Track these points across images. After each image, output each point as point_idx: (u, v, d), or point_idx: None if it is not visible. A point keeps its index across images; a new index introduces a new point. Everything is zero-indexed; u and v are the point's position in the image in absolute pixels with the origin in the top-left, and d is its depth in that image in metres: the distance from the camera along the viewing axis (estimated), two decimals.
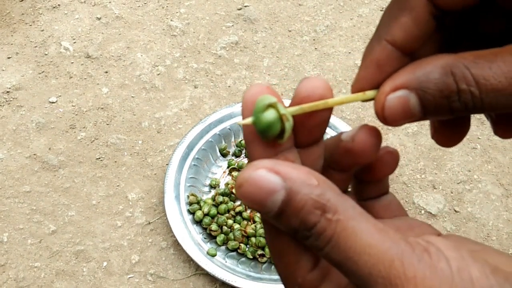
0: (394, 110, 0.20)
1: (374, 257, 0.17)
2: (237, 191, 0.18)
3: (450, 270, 0.16)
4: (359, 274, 0.17)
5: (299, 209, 0.18)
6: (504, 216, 0.84)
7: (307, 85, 0.20)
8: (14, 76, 1.00)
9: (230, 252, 0.79)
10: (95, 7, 1.12)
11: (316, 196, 0.18)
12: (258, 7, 1.13)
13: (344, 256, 0.17)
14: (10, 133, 0.92)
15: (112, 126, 0.94)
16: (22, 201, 0.85)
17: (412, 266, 0.17)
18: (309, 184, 0.18)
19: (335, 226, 0.18)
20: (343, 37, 1.08)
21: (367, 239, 0.17)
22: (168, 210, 0.80)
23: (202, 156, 0.88)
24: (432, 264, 0.17)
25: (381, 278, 0.17)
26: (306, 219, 0.18)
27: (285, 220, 0.18)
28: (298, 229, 0.18)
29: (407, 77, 0.20)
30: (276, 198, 0.18)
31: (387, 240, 0.17)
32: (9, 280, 0.77)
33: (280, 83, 1.00)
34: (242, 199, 0.18)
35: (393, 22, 0.21)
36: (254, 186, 0.18)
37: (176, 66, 1.02)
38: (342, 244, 0.17)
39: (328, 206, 0.18)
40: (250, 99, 0.20)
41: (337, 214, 0.18)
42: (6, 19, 1.10)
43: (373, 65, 0.21)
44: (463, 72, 0.18)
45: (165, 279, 0.78)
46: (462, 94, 0.19)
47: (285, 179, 0.18)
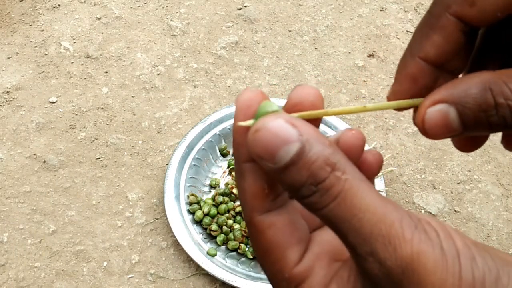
0: (434, 123, 0.21)
1: (377, 216, 0.18)
2: (251, 136, 0.19)
3: (439, 238, 0.18)
4: (361, 231, 0.18)
5: (311, 163, 0.18)
6: (504, 216, 0.84)
7: (300, 92, 0.21)
8: (14, 76, 1.00)
9: (230, 252, 0.79)
10: (95, 7, 1.12)
11: (328, 154, 0.18)
12: (258, 7, 1.13)
13: (349, 212, 0.18)
14: (10, 133, 0.92)
15: (112, 126, 0.94)
16: (22, 201, 0.85)
17: (409, 230, 0.18)
18: (322, 142, 0.19)
19: (344, 183, 0.18)
20: (343, 37, 1.08)
21: (372, 200, 0.18)
22: (168, 210, 0.80)
23: (202, 156, 0.88)
24: (426, 231, 0.18)
25: (381, 237, 0.18)
26: (316, 173, 0.18)
27: (293, 173, 0.18)
28: (304, 183, 0.18)
29: (447, 92, 0.21)
30: (289, 149, 0.18)
31: (389, 204, 0.18)
32: (9, 280, 0.77)
33: (280, 83, 1.00)
34: (253, 145, 0.19)
35: (425, 40, 0.22)
36: (271, 133, 0.18)
37: (176, 66, 1.02)
38: (349, 200, 0.18)
39: (338, 166, 0.18)
40: (244, 104, 0.20)
41: (346, 174, 0.18)
42: (6, 19, 1.10)
43: (407, 79, 0.22)
44: (501, 87, 0.19)
45: (165, 279, 0.78)
46: (499, 108, 0.19)
47: (301, 133, 0.18)
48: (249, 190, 0.21)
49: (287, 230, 0.21)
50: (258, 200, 0.20)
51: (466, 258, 0.17)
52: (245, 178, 0.21)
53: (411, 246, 0.17)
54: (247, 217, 0.21)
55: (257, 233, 0.21)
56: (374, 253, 0.18)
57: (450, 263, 0.17)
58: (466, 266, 0.17)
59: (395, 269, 0.17)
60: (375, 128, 0.94)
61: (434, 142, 0.93)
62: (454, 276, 0.17)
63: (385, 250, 0.17)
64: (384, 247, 0.17)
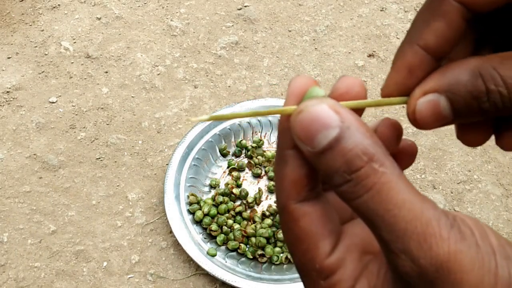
0: (425, 114, 0.21)
1: (413, 213, 0.18)
2: (294, 117, 0.19)
3: (475, 238, 0.17)
4: (395, 227, 0.18)
5: (348, 150, 0.18)
6: (504, 216, 0.84)
7: (346, 82, 0.21)
8: (14, 76, 1.00)
9: (230, 252, 0.79)
10: (95, 7, 1.12)
11: (367, 144, 0.18)
12: (258, 7, 1.13)
13: (383, 207, 0.18)
14: (10, 133, 0.92)
15: (112, 126, 0.94)
16: (22, 201, 0.85)
17: (446, 229, 0.17)
18: (362, 132, 0.18)
19: (380, 176, 0.18)
20: (343, 37, 1.08)
21: (409, 196, 0.18)
22: (168, 210, 0.80)
23: (202, 156, 0.88)
24: (461, 230, 0.18)
25: (416, 235, 0.17)
26: (352, 161, 0.18)
27: (329, 158, 0.18)
28: (339, 170, 0.18)
29: (436, 81, 0.20)
30: (329, 133, 0.18)
31: (425, 202, 0.18)
32: (9, 280, 0.77)
33: (280, 83, 1.00)
34: (294, 126, 0.19)
35: (425, 27, 0.21)
36: (313, 116, 0.18)
37: (176, 66, 1.02)
38: (384, 194, 0.18)
39: (376, 157, 0.18)
40: (296, 89, 0.21)
41: (384, 167, 0.18)
42: (6, 19, 1.10)
43: (404, 70, 0.22)
44: (491, 73, 0.19)
45: (165, 279, 0.78)
46: (491, 95, 0.19)
47: (343, 120, 0.18)
48: (288, 176, 0.20)
49: (321, 221, 0.20)
50: (296, 188, 0.20)
51: (502, 256, 0.17)
52: (287, 164, 0.20)
53: (448, 245, 0.17)
54: (282, 203, 0.21)
55: (291, 221, 0.20)
56: (407, 251, 0.17)
57: (486, 261, 0.17)
58: (502, 264, 0.17)
59: (429, 268, 0.17)
60: None
61: (434, 142, 0.92)
62: (490, 274, 0.17)
63: (419, 248, 0.17)
64: (418, 245, 0.17)
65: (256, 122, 0.92)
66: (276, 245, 0.79)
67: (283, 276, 0.76)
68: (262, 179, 0.88)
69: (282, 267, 0.78)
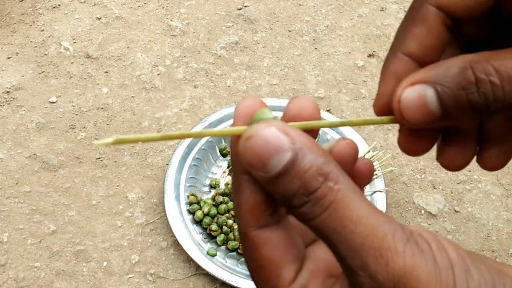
0: (410, 104, 0.20)
1: (369, 228, 0.17)
2: (243, 143, 0.18)
3: (432, 252, 0.17)
4: (352, 243, 0.17)
5: (303, 172, 0.18)
6: (504, 216, 0.84)
7: (298, 104, 0.20)
8: (14, 76, 1.00)
9: (230, 252, 0.79)
10: (95, 7, 1.12)
11: (321, 163, 0.18)
12: (258, 7, 1.13)
13: (340, 224, 0.18)
14: (10, 133, 0.92)
15: (112, 126, 0.94)
16: (22, 201, 0.85)
17: (402, 243, 0.17)
18: (315, 152, 0.18)
19: (336, 194, 0.18)
20: (343, 37, 1.08)
21: (365, 211, 0.18)
22: (168, 210, 0.80)
23: (202, 156, 0.88)
24: (418, 244, 0.17)
25: (373, 250, 0.17)
26: (308, 183, 0.18)
27: (285, 182, 0.18)
28: (296, 193, 0.18)
29: (425, 73, 0.20)
30: (282, 157, 0.18)
31: (382, 217, 0.18)
32: (9, 280, 0.77)
33: (280, 83, 1.00)
34: (244, 153, 0.18)
35: (406, 34, 0.21)
36: (263, 141, 0.18)
37: (176, 66, 1.02)
38: (340, 211, 0.18)
39: (331, 176, 0.18)
40: (243, 111, 0.20)
41: (339, 184, 0.18)
42: (6, 19, 1.10)
43: (391, 78, 0.21)
44: (483, 64, 0.18)
45: (165, 279, 0.78)
46: (481, 84, 0.18)
47: (294, 142, 0.18)
48: (245, 203, 0.20)
49: (283, 247, 0.20)
50: (255, 214, 0.20)
51: (461, 269, 0.17)
52: (242, 190, 0.20)
53: (404, 259, 0.17)
54: (242, 231, 0.20)
55: (252, 248, 0.20)
56: (365, 267, 0.17)
57: (444, 275, 0.17)
58: (460, 278, 0.17)
59: (387, 283, 0.17)
60: (375, 128, 0.94)
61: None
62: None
63: (376, 264, 0.17)
64: (375, 260, 0.17)
65: None
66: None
67: None
68: None
69: None
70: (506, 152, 0.22)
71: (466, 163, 0.22)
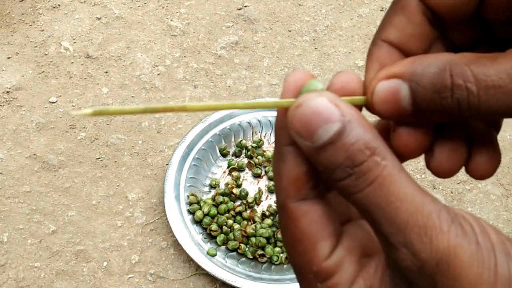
0: (382, 98, 0.20)
1: (415, 206, 0.17)
2: (292, 111, 0.18)
3: (475, 234, 0.17)
4: (397, 220, 0.17)
5: (350, 144, 0.18)
6: (504, 216, 0.84)
7: (341, 78, 0.20)
8: (14, 76, 1.00)
9: (230, 252, 0.79)
10: (95, 7, 1.12)
11: (369, 138, 0.18)
12: (258, 7, 1.13)
13: (385, 200, 0.17)
14: (10, 133, 0.92)
15: (112, 126, 0.94)
16: (22, 201, 0.85)
17: (447, 223, 0.17)
18: (364, 126, 0.18)
19: (382, 169, 0.18)
20: (343, 37, 1.08)
21: (411, 189, 0.18)
22: (168, 210, 0.80)
23: (202, 156, 0.88)
24: (462, 225, 0.17)
25: (417, 227, 0.17)
26: (354, 155, 0.18)
27: (329, 153, 0.18)
28: (341, 165, 0.18)
29: (403, 67, 0.19)
30: (330, 127, 0.18)
31: (427, 197, 0.18)
32: (9, 280, 0.77)
33: (280, 83, 1.00)
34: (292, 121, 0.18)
35: (387, 23, 0.21)
36: (312, 109, 0.18)
37: (176, 66, 1.02)
38: (386, 187, 0.18)
39: (378, 151, 0.18)
40: (293, 82, 0.20)
41: (385, 160, 0.18)
42: (6, 19, 1.10)
43: (374, 66, 0.21)
44: (462, 69, 0.18)
45: (165, 279, 0.78)
46: (456, 90, 0.18)
47: (343, 114, 0.18)
48: (287, 174, 0.20)
49: (320, 222, 0.20)
50: (296, 187, 0.20)
51: (502, 253, 0.17)
52: (285, 162, 0.20)
53: (448, 239, 0.17)
54: (281, 202, 0.20)
55: (290, 220, 0.20)
56: (408, 244, 0.17)
57: (486, 257, 0.17)
58: (501, 261, 0.17)
59: (429, 261, 0.17)
60: None
61: None
62: (490, 271, 0.17)
63: (420, 241, 0.17)
64: (419, 238, 0.17)
65: (256, 122, 0.92)
66: (276, 245, 0.79)
67: (283, 276, 0.76)
68: (262, 179, 0.88)
69: (282, 267, 0.78)
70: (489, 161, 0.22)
71: (457, 168, 0.22)
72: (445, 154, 0.21)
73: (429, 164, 0.22)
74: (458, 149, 0.22)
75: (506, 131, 0.94)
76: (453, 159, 0.22)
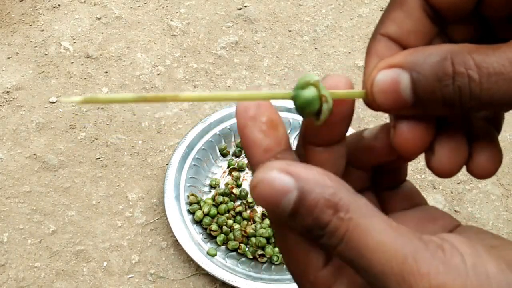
0: (383, 88, 0.19)
1: (387, 254, 0.17)
2: (252, 192, 0.18)
3: (465, 266, 0.16)
4: (372, 271, 0.17)
5: (312, 208, 0.18)
6: (504, 216, 0.84)
7: (329, 81, 0.20)
8: (14, 76, 1.00)
9: (230, 252, 0.79)
10: (95, 7, 1.12)
11: (328, 195, 0.18)
12: (258, 7, 1.13)
13: (357, 254, 0.17)
14: (10, 133, 0.92)
15: (112, 126, 0.94)
16: (22, 201, 0.85)
17: (425, 263, 0.16)
18: (321, 184, 0.18)
19: (348, 224, 0.17)
20: (343, 37, 1.08)
21: (380, 236, 0.17)
22: (168, 210, 0.80)
23: (202, 156, 0.88)
24: (446, 260, 0.16)
25: (394, 275, 0.17)
26: (319, 218, 0.18)
27: (299, 219, 0.18)
28: (312, 228, 0.18)
29: (404, 57, 0.19)
30: (289, 198, 0.18)
31: (400, 238, 0.17)
32: (9, 280, 0.77)
33: (280, 83, 1.00)
34: (256, 201, 0.19)
35: (386, 18, 0.21)
36: (268, 187, 0.18)
37: (176, 66, 1.02)
38: (355, 242, 0.17)
39: (341, 205, 0.18)
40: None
41: (350, 213, 0.18)
42: (6, 19, 1.10)
43: (373, 60, 0.21)
44: (464, 57, 0.18)
45: (165, 279, 0.78)
46: (458, 77, 0.18)
47: (297, 179, 0.18)
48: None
49: None
50: None
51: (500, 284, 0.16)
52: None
53: (428, 281, 0.16)
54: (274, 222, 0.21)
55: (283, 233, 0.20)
56: None
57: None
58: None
59: None
60: None
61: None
62: None
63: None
64: (398, 285, 0.17)
65: None
66: (276, 245, 0.79)
67: (283, 276, 0.76)
68: None
69: (282, 267, 0.78)
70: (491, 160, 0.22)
71: (458, 167, 0.22)
72: (446, 153, 0.21)
73: (430, 163, 0.21)
74: (459, 148, 0.21)
75: (506, 131, 0.94)
76: (454, 159, 0.21)
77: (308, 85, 0.19)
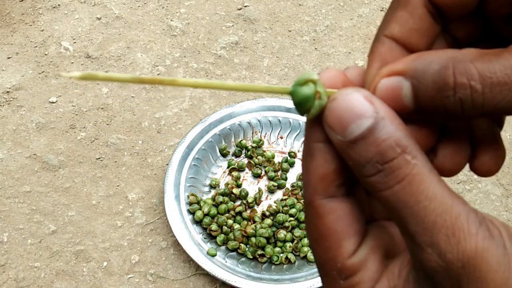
0: (384, 96, 0.19)
1: (443, 206, 0.17)
2: (328, 104, 0.19)
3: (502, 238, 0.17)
4: (424, 219, 0.17)
5: (381, 140, 0.18)
6: (504, 216, 0.84)
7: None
8: (14, 76, 1.00)
9: (230, 252, 0.79)
10: (95, 7, 1.12)
11: (400, 136, 0.18)
12: (258, 7, 1.13)
13: (414, 198, 0.17)
14: (10, 133, 0.92)
15: (112, 126, 0.94)
16: (22, 201, 0.85)
17: (475, 225, 0.17)
18: (396, 124, 0.18)
19: (412, 167, 0.18)
20: (343, 37, 1.08)
21: (440, 190, 0.18)
22: (168, 210, 0.80)
23: (202, 156, 0.88)
24: (489, 229, 0.17)
25: (445, 228, 0.17)
26: (385, 151, 0.18)
27: (360, 148, 0.18)
28: (371, 160, 0.18)
29: (406, 64, 0.19)
30: (362, 123, 0.18)
31: (457, 198, 0.18)
32: (9, 280, 0.77)
33: (280, 83, 1.00)
34: (326, 114, 0.19)
35: (390, 18, 0.21)
36: (346, 105, 0.18)
37: (176, 66, 1.02)
38: (415, 185, 0.17)
39: (409, 150, 0.18)
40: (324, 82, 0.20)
41: (416, 159, 0.18)
42: (6, 19, 1.10)
43: (376, 62, 0.21)
44: (466, 66, 0.18)
45: (165, 279, 0.78)
46: (459, 89, 0.18)
47: (377, 111, 0.18)
48: (316, 171, 0.20)
49: (346, 219, 0.20)
50: (324, 183, 0.20)
51: None
52: (315, 158, 0.20)
53: (476, 241, 0.17)
54: (308, 198, 0.20)
55: (316, 217, 0.20)
56: (434, 244, 0.17)
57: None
58: None
59: (456, 263, 0.17)
60: None
61: None
62: None
63: (447, 242, 0.17)
64: (446, 238, 0.17)
65: (256, 122, 0.92)
66: (276, 245, 0.79)
67: (283, 276, 0.76)
68: (262, 179, 0.88)
69: (282, 267, 0.78)
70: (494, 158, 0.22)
71: (461, 167, 0.22)
72: (448, 153, 0.21)
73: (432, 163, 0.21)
74: (462, 148, 0.21)
75: (506, 131, 0.94)
76: (456, 159, 0.21)
77: (307, 83, 0.20)
